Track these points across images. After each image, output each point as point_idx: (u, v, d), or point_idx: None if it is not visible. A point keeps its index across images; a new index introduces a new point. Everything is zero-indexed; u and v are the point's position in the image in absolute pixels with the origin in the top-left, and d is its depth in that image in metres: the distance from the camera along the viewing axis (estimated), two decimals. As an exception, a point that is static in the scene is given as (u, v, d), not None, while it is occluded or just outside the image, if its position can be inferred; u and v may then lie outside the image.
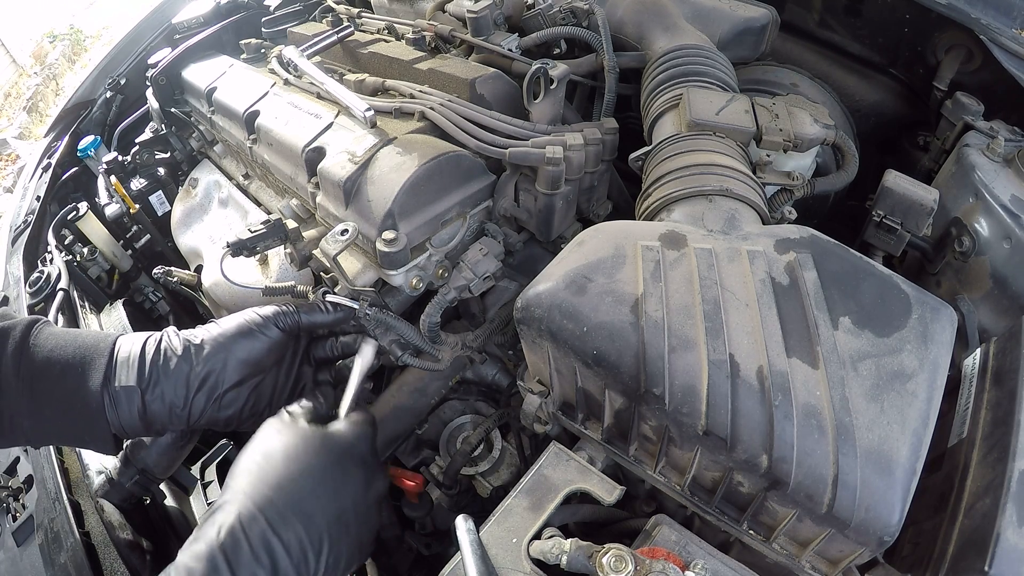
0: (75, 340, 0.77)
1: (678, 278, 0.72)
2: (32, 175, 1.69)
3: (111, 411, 0.75)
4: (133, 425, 0.77)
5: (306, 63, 1.20)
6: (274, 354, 0.86)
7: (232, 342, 0.82)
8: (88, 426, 0.75)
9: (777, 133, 0.96)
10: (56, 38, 8.24)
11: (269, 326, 0.85)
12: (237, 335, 0.83)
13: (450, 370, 1.05)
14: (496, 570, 0.65)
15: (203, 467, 1.21)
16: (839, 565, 0.65)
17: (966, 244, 1.03)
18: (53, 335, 0.77)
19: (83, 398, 0.74)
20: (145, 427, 0.78)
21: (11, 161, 5.86)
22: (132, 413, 0.76)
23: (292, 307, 0.89)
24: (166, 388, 0.77)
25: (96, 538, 0.91)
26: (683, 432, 0.66)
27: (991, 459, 0.70)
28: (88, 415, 0.74)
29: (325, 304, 0.92)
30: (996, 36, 1.18)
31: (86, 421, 0.75)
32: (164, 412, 0.77)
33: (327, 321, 0.91)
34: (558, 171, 0.95)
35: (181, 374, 0.78)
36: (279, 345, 0.86)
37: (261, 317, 0.85)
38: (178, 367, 0.78)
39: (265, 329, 0.84)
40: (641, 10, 1.25)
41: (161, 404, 0.77)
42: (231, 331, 0.83)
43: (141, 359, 0.77)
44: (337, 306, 0.92)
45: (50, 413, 0.74)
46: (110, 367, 0.75)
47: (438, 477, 1.02)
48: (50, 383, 0.73)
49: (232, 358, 0.81)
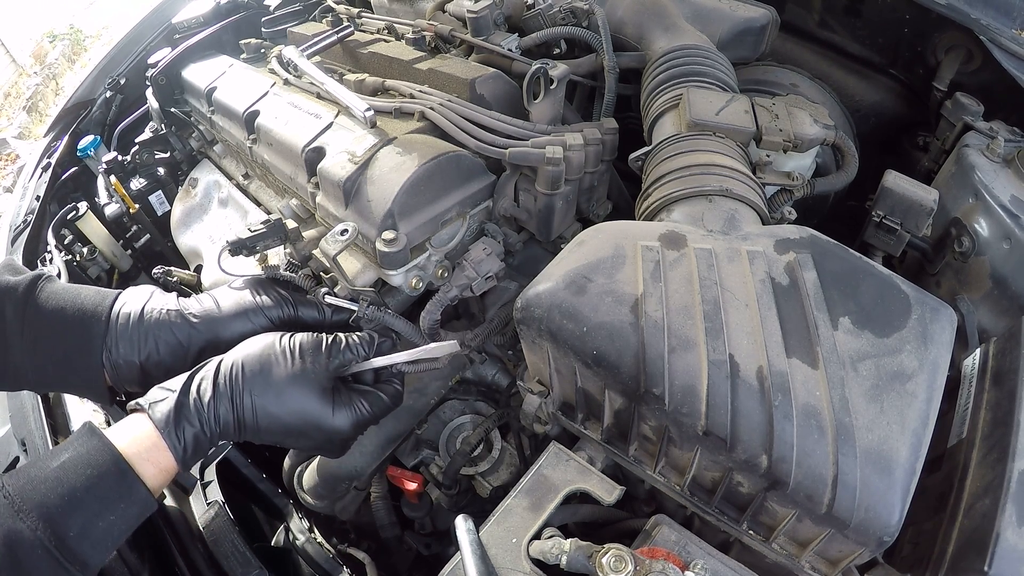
0: (75, 300, 0.82)
1: (678, 278, 0.72)
2: (32, 175, 1.69)
3: (112, 375, 0.81)
4: (132, 384, 0.83)
5: (306, 63, 1.20)
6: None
7: (227, 321, 0.86)
8: (87, 384, 0.82)
9: (777, 133, 0.96)
10: (56, 38, 8.23)
11: (262, 314, 0.88)
12: (232, 316, 0.86)
13: (449, 370, 1.05)
14: (496, 570, 0.65)
15: (203, 467, 1.21)
16: (839, 565, 0.65)
17: (966, 244, 1.03)
18: (55, 293, 0.82)
19: (83, 359, 0.79)
20: (142, 387, 0.82)
21: (11, 161, 5.85)
22: (132, 377, 0.82)
23: (288, 301, 0.90)
24: (163, 358, 0.82)
25: (96, 538, 0.90)
26: (683, 432, 0.66)
27: (991, 459, 0.70)
28: (87, 375, 0.80)
29: (324, 307, 0.92)
30: (996, 36, 1.18)
31: (85, 380, 0.81)
32: (161, 378, 0.81)
33: (320, 320, 0.92)
34: (558, 171, 0.95)
35: (177, 348, 0.83)
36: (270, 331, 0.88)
37: (258, 304, 0.88)
38: (175, 341, 0.83)
39: (258, 316, 0.87)
40: (641, 10, 1.25)
41: (158, 371, 0.82)
42: (228, 311, 0.87)
43: (140, 328, 0.81)
44: (334, 309, 0.92)
45: (52, 370, 0.80)
46: (109, 335, 0.80)
47: (438, 477, 1.02)
48: (52, 343, 0.79)
49: (224, 335, 0.85)
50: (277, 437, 0.79)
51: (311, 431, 0.78)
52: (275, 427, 0.76)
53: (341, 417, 0.79)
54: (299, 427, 0.78)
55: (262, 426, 0.76)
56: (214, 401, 0.73)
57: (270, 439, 0.79)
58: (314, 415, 0.77)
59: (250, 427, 0.75)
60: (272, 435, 0.78)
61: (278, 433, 0.78)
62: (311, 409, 0.77)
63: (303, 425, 0.77)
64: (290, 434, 0.78)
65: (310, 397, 0.77)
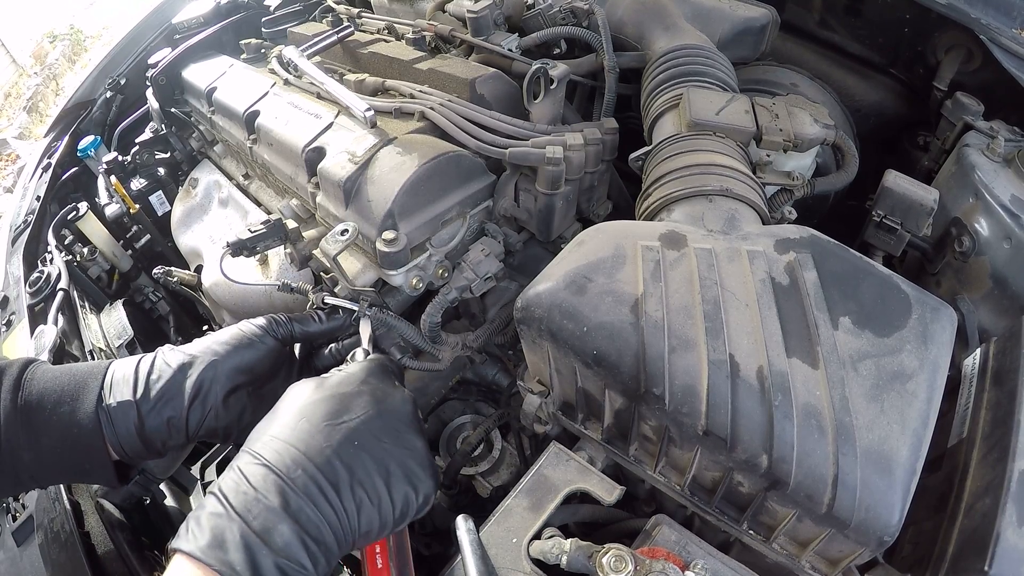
0: (69, 371, 0.76)
1: (678, 278, 0.72)
2: (32, 175, 1.69)
3: (108, 429, 0.73)
4: (132, 444, 0.75)
5: (306, 63, 1.20)
6: (268, 362, 0.85)
7: (224, 351, 0.80)
8: (86, 452, 0.73)
9: (777, 133, 0.96)
10: (56, 38, 8.24)
11: (262, 336, 0.84)
12: (228, 345, 0.81)
13: (450, 370, 1.05)
14: (496, 570, 0.65)
15: (203, 467, 1.21)
16: (839, 565, 0.65)
17: (966, 244, 1.03)
18: (48, 370, 0.76)
19: (78, 422, 0.72)
20: (145, 445, 0.76)
21: (11, 161, 5.85)
22: (130, 430, 0.74)
23: (285, 317, 0.88)
24: (161, 401, 0.75)
25: (96, 538, 0.91)
26: (683, 432, 0.66)
27: (991, 459, 0.70)
28: (84, 440, 0.72)
29: (317, 314, 0.90)
30: (996, 36, 1.18)
31: (83, 447, 0.73)
32: (162, 426, 0.76)
33: (321, 331, 0.90)
34: (558, 171, 0.95)
35: (175, 386, 0.76)
36: (273, 353, 0.85)
37: (254, 326, 0.84)
38: (172, 379, 0.76)
39: (257, 339, 0.83)
40: (641, 10, 1.25)
41: (158, 418, 0.75)
42: (223, 341, 0.82)
43: (135, 377, 0.76)
44: (331, 315, 0.91)
45: (48, 443, 0.72)
46: (103, 390, 0.74)
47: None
48: (45, 413, 0.72)
49: (223, 367, 0.79)
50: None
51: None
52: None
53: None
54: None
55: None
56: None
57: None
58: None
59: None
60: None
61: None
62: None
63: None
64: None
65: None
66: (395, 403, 0.69)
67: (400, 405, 0.69)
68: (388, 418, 0.67)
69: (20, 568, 0.89)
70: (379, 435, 0.65)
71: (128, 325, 1.31)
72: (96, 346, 1.22)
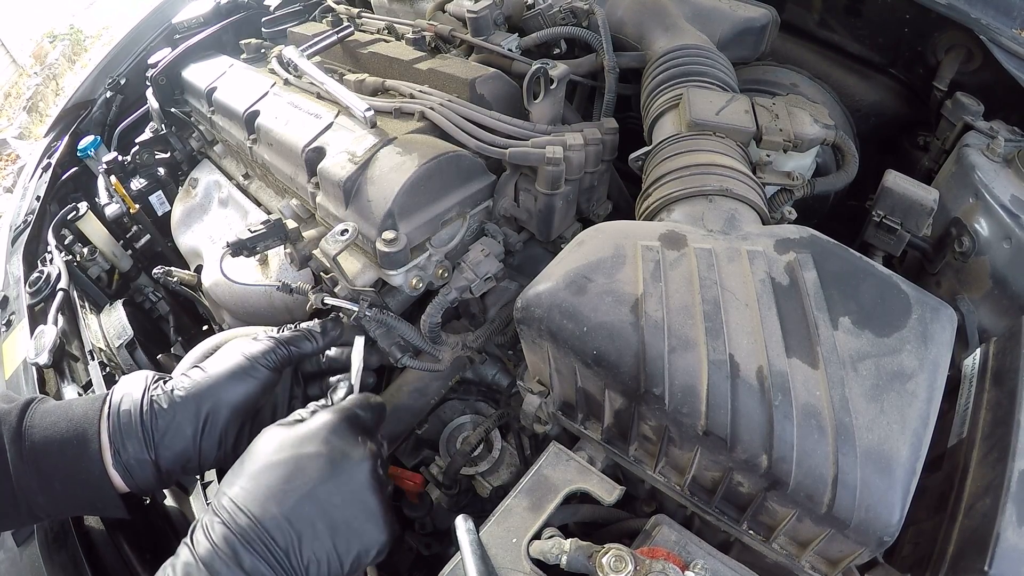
0: (66, 414, 0.78)
1: (678, 278, 0.72)
2: (32, 175, 1.69)
3: (127, 479, 0.76)
4: (147, 486, 0.79)
5: (306, 63, 1.20)
6: (267, 389, 0.85)
7: (223, 388, 0.80)
8: (97, 492, 0.77)
9: (777, 133, 0.96)
10: (56, 38, 8.24)
11: (258, 367, 0.83)
12: (227, 381, 0.81)
13: (450, 370, 1.05)
14: (496, 570, 0.65)
15: (203, 467, 1.21)
16: (839, 565, 0.65)
17: (966, 244, 1.03)
18: (47, 412, 0.78)
19: (86, 467, 0.75)
20: (158, 484, 0.79)
21: (11, 161, 5.86)
22: (148, 478, 0.77)
23: (280, 343, 0.86)
24: (172, 451, 0.77)
25: (96, 538, 0.91)
26: (683, 432, 0.66)
27: (991, 459, 0.71)
28: (94, 482, 0.76)
29: (313, 334, 0.89)
30: (996, 36, 1.18)
31: (94, 487, 0.76)
32: (178, 469, 0.79)
33: (316, 350, 0.89)
34: (558, 171, 0.95)
35: (183, 435, 0.78)
36: (271, 381, 0.85)
37: (250, 359, 0.83)
38: (180, 426, 0.78)
39: (255, 371, 0.82)
40: (641, 10, 1.25)
41: (173, 462, 0.78)
42: (222, 376, 0.81)
43: (142, 428, 0.77)
44: (326, 331, 0.90)
45: (60, 487, 0.76)
46: (114, 435, 0.76)
47: (438, 477, 1.02)
48: (53, 459, 0.75)
49: (224, 404, 0.80)
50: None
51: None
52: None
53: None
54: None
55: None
56: None
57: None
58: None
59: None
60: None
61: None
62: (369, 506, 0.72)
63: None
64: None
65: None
66: (351, 464, 0.71)
67: (357, 465, 0.72)
68: (342, 480, 0.70)
69: (20, 568, 0.89)
70: (331, 497, 0.68)
71: (128, 325, 1.31)
72: (96, 346, 1.22)
